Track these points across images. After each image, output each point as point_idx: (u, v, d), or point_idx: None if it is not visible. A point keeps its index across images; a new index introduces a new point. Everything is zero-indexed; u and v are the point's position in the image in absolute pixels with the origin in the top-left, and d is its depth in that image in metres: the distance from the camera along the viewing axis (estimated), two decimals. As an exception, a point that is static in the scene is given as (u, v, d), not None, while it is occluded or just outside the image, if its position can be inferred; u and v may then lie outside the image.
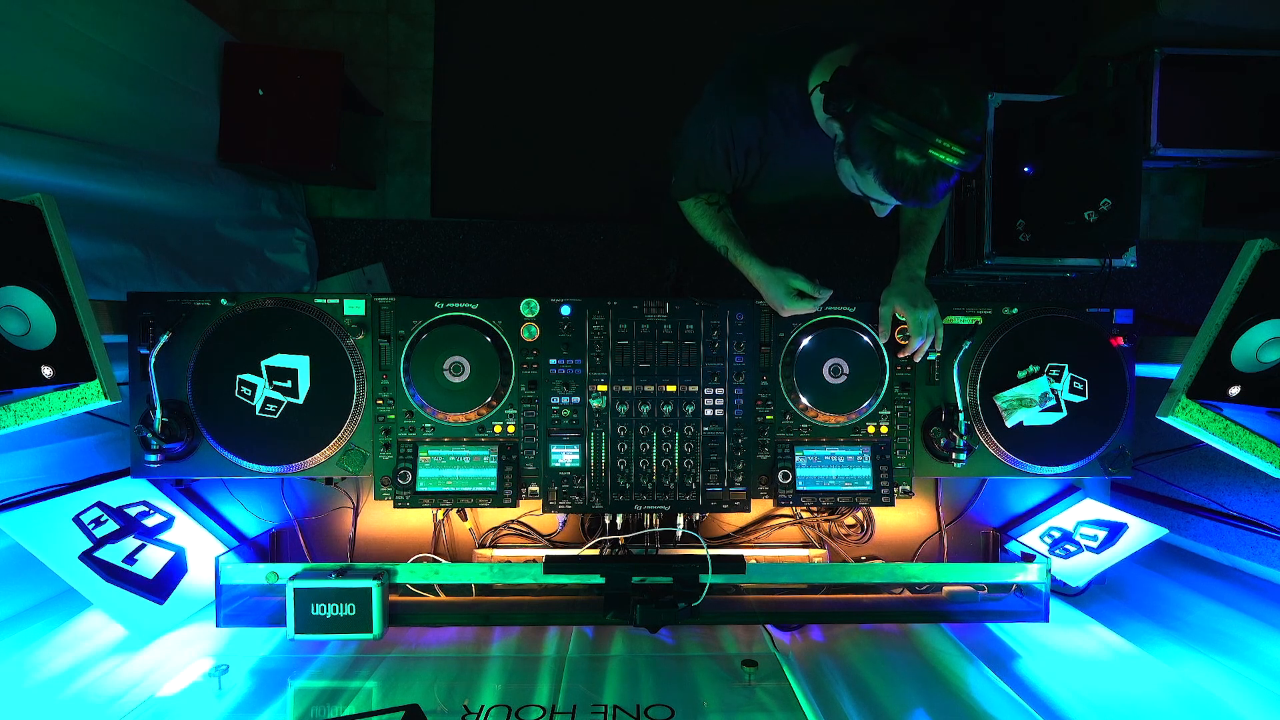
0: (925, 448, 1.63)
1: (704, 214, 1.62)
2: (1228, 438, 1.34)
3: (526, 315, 1.58)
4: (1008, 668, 1.48)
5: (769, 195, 1.64)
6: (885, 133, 1.14)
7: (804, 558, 1.70)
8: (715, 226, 1.61)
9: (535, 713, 1.26)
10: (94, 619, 1.49)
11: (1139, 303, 1.99)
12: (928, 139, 1.11)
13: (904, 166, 1.16)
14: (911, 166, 1.16)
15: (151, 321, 1.50)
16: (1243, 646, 1.46)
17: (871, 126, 1.16)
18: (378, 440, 1.58)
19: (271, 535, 1.71)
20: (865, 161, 1.21)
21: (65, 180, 1.83)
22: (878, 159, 1.18)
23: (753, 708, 1.31)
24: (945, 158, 1.12)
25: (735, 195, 1.62)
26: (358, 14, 3.01)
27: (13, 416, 1.25)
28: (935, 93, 1.11)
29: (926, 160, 1.14)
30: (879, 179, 1.20)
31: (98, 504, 1.52)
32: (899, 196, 1.22)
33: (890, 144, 1.15)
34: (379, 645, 1.49)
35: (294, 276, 2.86)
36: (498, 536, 1.71)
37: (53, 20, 1.77)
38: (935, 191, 1.18)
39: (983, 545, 1.79)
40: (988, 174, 2.44)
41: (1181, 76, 2.73)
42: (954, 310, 1.61)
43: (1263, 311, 1.29)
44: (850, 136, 1.22)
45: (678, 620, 1.44)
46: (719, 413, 1.59)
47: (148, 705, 1.27)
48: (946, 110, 1.11)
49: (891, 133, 1.14)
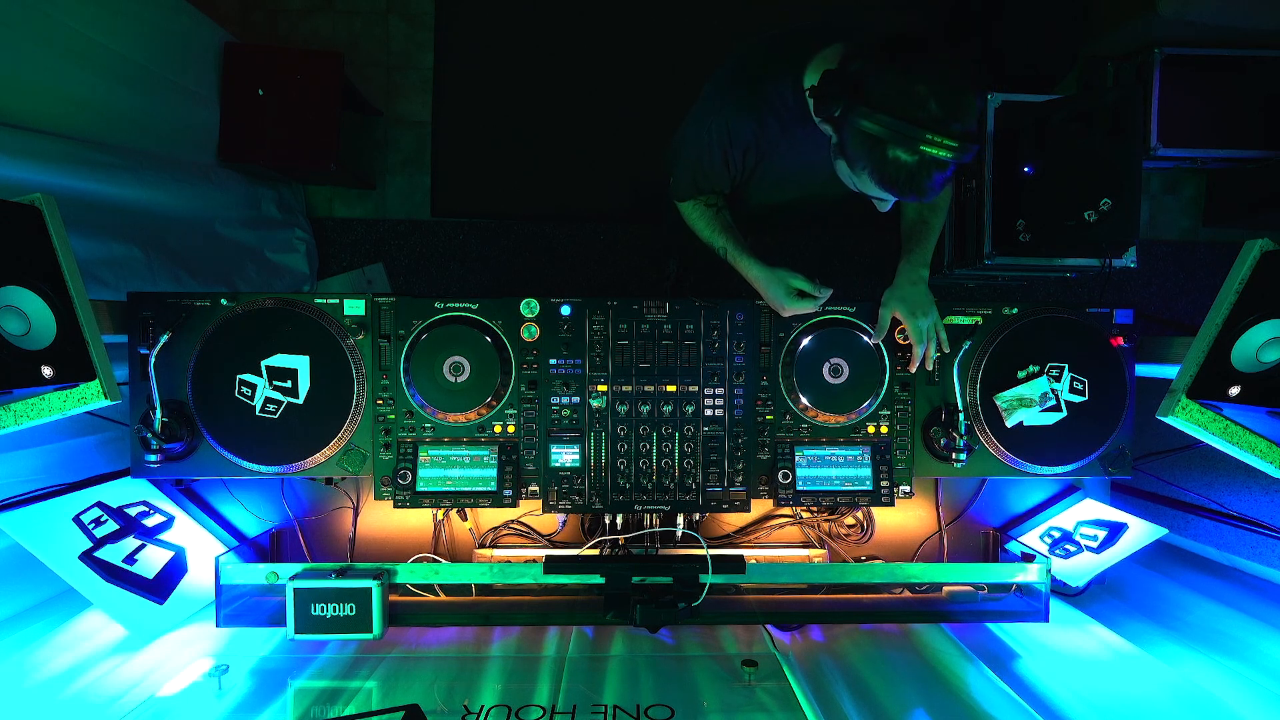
0: (925, 448, 1.63)
1: (702, 215, 1.62)
2: (1228, 438, 1.34)
3: (526, 315, 1.58)
4: (1008, 668, 1.48)
5: (767, 195, 1.64)
6: (875, 134, 1.15)
7: (804, 558, 1.70)
8: (714, 228, 1.61)
9: (535, 713, 1.26)
10: (94, 619, 1.49)
11: (1139, 303, 1.99)
12: (918, 136, 1.12)
13: (897, 164, 1.16)
14: (905, 164, 1.16)
15: (151, 321, 1.51)
16: (1243, 646, 1.46)
17: (861, 129, 1.16)
18: (378, 440, 1.58)
19: (271, 535, 1.71)
20: (859, 162, 1.22)
21: (65, 180, 1.83)
22: (871, 159, 1.19)
23: (753, 708, 1.31)
24: (937, 152, 1.13)
25: (734, 195, 1.63)
26: (358, 14, 3.01)
27: (13, 416, 1.25)
28: (922, 90, 1.12)
29: (919, 156, 1.14)
30: (874, 178, 1.21)
31: (98, 504, 1.52)
32: (896, 193, 1.22)
33: (881, 144, 1.16)
34: (379, 645, 1.49)
35: (294, 276, 2.86)
36: (498, 536, 1.71)
37: (53, 20, 1.77)
38: (932, 185, 1.18)
39: (983, 545, 1.79)
40: (988, 174, 2.44)
41: (1181, 76, 2.73)
42: (954, 310, 1.61)
43: (1263, 311, 1.29)
44: (842, 138, 1.23)
45: (678, 620, 1.44)
46: (719, 413, 1.59)
47: (148, 705, 1.27)
48: (935, 106, 1.11)
49: (881, 134, 1.14)
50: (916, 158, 1.14)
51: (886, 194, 1.24)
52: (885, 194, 1.25)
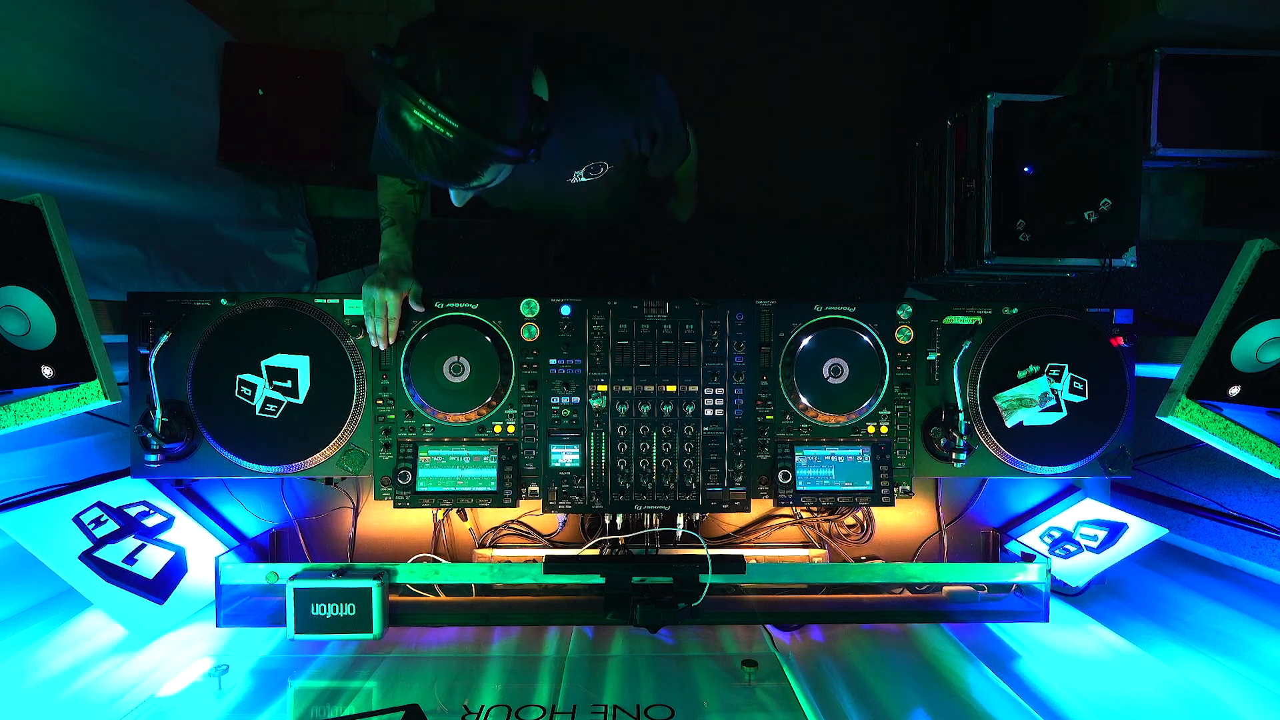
0: (925, 448, 1.63)
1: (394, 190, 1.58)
2: (1228, 438, 1.34)
3: (526, 315, 1.58)
4: (1008, 668, 1.48)
5: (508, 202, 1.65)
6: (388, 97, 1.09)
7: (804, 558, 1.70)
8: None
9: (535, 713, 1.26)
10: (94, 619, 1.49)
11: (1139, 303, 1.98)
12: (413, 100, 1.06)
13: (405, 131, 1.10)
14: (411, 132, 1.10)
15: (151, 321, 1.51)
16: (1243, 646, 1.46)
17: (383, 89, 1.10)
18: (378, 440, 1.57)
19: (271, 535, 1.71)
20: (386, 128, 1.13)
21: (65, 180, 1.83)
22: (390, 125, 1.12)
23: (753, 708, 1.31)
24: (432, 124, 1.07)
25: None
26: (358, 14, 3.00)
27: (13, 416, 1.25)
28: (432, 56, 1.06)
29: (421, 125, 1.08)
30: (400, 149, 1.13)
31: (98, 504, 1.52)
32: (417, 168, 1.14)
33: (394, 109, 1.10)
34: (379, 645, 1.49)
35: (294, 276, 2.86)
36: (498, 536, 1.71)
37: (52, 19, 1.77)
38: (447, 164, 1.12)
39: (983, 545, 1.79)
40: (988, 174, 2.44)
41: (1181, 76, 2.73)
42: (954, 310, 1.61)
43: (1263, 311, 1.29)
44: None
45: (678, 620, 1.44)
46: (719, 413, 1.59)
47: (148, 705, 1.27)
48: (438, 76, 1.06)
49: (389, 96, 1.09)
50: (420, 126, 1.08)
51: (419, 171, 1.16)
52: (419, 172, 1.17)
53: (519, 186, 1.26)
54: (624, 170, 1.53)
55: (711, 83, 3.05)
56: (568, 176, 1.47)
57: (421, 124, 1.08)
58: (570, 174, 1.46)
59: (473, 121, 1.08)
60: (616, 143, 1.44)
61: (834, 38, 3.08)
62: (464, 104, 1.08)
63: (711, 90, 3.04)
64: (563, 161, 1.42)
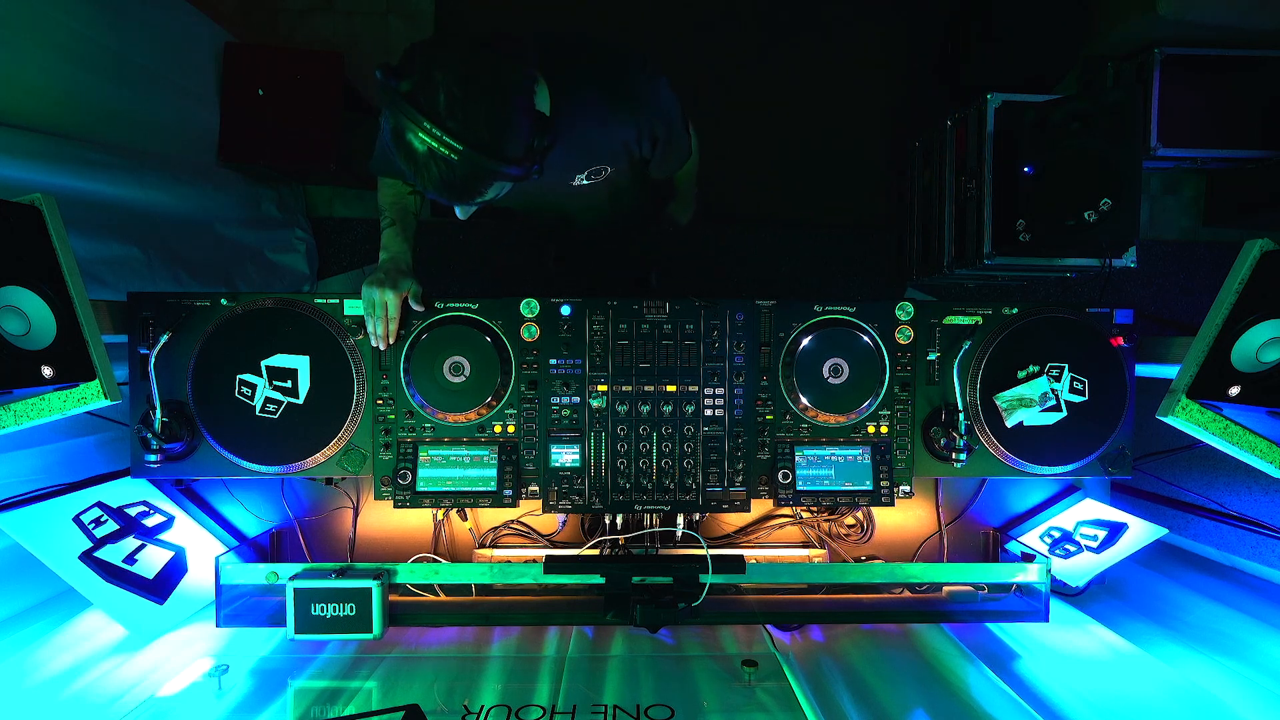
0: (925, 448, 1.63)
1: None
2: (1228, 438, 1.34)
3: (526, 315, 1.58)
4: (1008, 668, 1.48)
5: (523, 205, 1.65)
6: (394, 119, 1.11)
7: (804, 558, 1.70)
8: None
9: (535, 713, 1.26)
10: (94, 619, 1.49)
11: (1139, 303, 1.98)
12: (418, 123, 1.08)
13: (410, 152, 1.12)
14: (417, 153, 1.11)
15: (151, 321, 1.51)
16: (1243, 646, 1.46)
17: (387, 110, 1.12)
18: (378, 440, 1.57)
19: (271, 535, 1.71)
20: (392, 148, 1.15)
21: (65, 180, 1.83)
22: (396, 145, 1.13)
23: (753, 708, 1.31)
24: (437, 146, 1.08)
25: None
26: (358, 14, 3.00)
27: (13, 416, 1.25)
28: (437, 78, 1.08)
29: (426, 147, 1.10)
30: (405, 168, 1.15)
31: (98, 504, 1.52)
32: (423, 186, 1.16)
33: (400, 130, 1.11)
34: (379, 645, 1.49)
35: (294, 276, 2.86)
36: (498, 536, 1.71)
37: (52, 19, 1.77)
38: (450, 183, 1.14)
39: (983, 545, 1.79)
40: (988, 174, 2.44)
41: (1181, 76, 2.73)
42: (954, 310, 1.61)
43: (1263, 311, 1.29)
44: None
45: (678, 620, 1.44)
46: (719, 413, 1.59)
47: (148, 705, 1.27)
48: (442, 99, 1.07)
49: (396, 119, 1.10)
50: (425, 148, 1.10)
51: (425, 190, 1.18)
52: (425, 190, 1.19)
53: (520, 190, 1.27)
54: (625, 173, 1.53)
55: (712, 83, 3.05)
56: (569, 180, 1.47)
57: (426, 146, 1.10)
58: (572, 178, 1.47)
59: (477, 144, 1.10)
60: (618, 146, 1.44)
61: (834, 38, 3.08)
62: (468, 126, 1.09)
63: (712, 90, 3.04)
64: (565, 166, 1.42)
